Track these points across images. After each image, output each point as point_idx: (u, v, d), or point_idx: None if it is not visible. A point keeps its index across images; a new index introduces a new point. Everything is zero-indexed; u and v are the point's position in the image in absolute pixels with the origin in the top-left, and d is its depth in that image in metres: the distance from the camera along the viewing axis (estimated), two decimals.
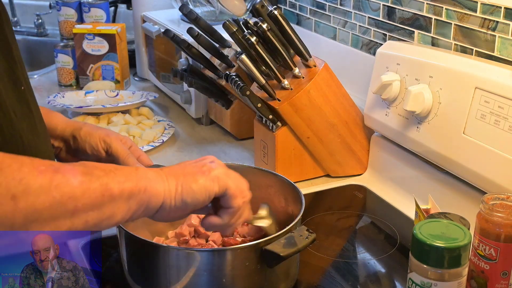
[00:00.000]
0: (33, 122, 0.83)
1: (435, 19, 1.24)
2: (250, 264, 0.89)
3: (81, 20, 2.02)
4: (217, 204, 0.84)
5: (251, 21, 1.27)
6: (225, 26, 1.27)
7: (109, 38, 1.87)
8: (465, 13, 1.17)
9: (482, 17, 1.13)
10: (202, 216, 1.07)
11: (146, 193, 0.74)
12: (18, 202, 0.64)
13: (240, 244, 0.96)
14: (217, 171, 0.82)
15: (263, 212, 0.97)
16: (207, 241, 1.02)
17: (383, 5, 1.38)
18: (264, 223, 0.95)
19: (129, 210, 0.73)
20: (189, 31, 1.42)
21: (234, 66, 1.44)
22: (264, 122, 1.34)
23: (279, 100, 1.26)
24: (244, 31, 1.26)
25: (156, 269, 0.90)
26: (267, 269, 0.90)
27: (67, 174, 0.68)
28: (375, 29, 1.42)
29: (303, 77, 1.28)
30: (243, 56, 1.23)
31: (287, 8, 1.76)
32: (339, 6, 1.53)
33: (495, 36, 1.12)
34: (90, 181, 0.69)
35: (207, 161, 0.84)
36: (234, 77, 1.28)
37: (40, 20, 2.50)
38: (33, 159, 0.68)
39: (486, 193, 0.95)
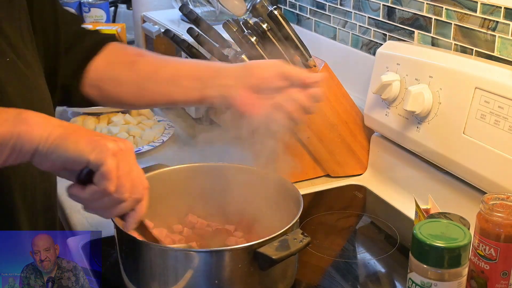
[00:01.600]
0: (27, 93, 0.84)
1: (435, 19, 1.24)
2: (243, 266, 0.88)
3: None
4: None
5: (251, 21, 1.27)
6: (225, 26, 1.27)
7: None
8: (465, 13, 1.17)
9: (482, 17, 1.13)
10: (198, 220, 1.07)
11: (20, 139, 0.73)
12: None
13: (233, 245, 0.95)
14: (107, 145, 0.75)
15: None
16: None
17: (383, 5, 1.38)
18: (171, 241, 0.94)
19: (1, 155, 0.73)
20: (189, 31, 1.42)
21: None
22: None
23: None
24: (244, 31, 1.26)
25: (149, 269, 0.89)
26: (261, 271, 0.89)
27: None
28: (375, 29, 1.42)
29: None
30: (243, 56, 1.23)
31: (287, 8, 1.76)
32: (339, 6, 1.53)
33: (495, 36, 1.12)
34: None
35: (112, 138, 0.78)
36: None
37: None
38: None
39: (486, 193, 0.95)
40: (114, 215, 0.82)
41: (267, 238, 0.88)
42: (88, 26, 1.90)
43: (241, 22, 1.31)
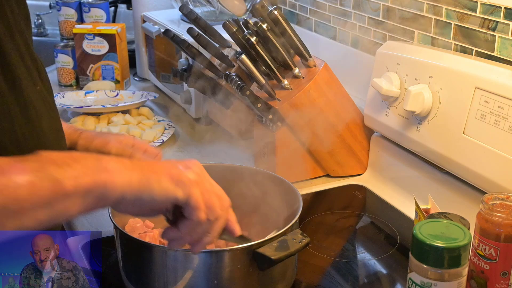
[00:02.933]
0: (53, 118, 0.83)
1: (435, 19, 1.24)
2: (242, 266, 0.88)
3: (81, 20, 2.02)
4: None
5: (251, 21, 1.27)
6: (225, 26, 1.27)
7: (109, 38, 1.87)
8: (465, 13, 1.17)
9: (482, 17, 1.13)
10: None
11: (104, 187, 0.71)
12: None
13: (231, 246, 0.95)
14: (188, 176, 0.76)
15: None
16: None
17: (383, 5, 1.38)
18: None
19: (85, 204, 0.70)
20: (189, 31, 1.42)
21: (234, 66, 1.44)
22: (264, 122, 1.34)
23: (279, 100, 1.26)
24: (244, 31, 1.26)
25: (149, 269, 0.90)
26: (261, 271, 0.89)
27: (13, 175, 0.65)
28: (375, 29, 1.42)
29: (303, 77, 1.28)
30: (243, 56, 1.23)
31: (287, 8, 1.76)
32: (339, 6, 1.53)
33: (495, 36, 1.12)
34: (40, 179, 0.66)
35: (185, 164, 0.78)
36: (234, 77, 1.28)
37: (40, 20, 2.50)
38: None
39: (486, 193, 0.95)
40: (216, 237, 0.82)
41: (266, 238, 0.88)
42: (88, 26, 1.91)
43: (241, 22, 1.31)
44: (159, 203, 0.75)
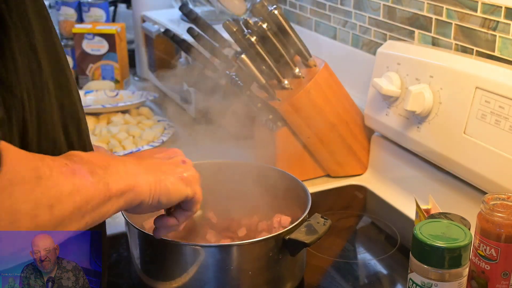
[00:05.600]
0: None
1: (435, 18, 1.24)
2: (273, 254, 0.91)
3: (80, 19, 2.02)
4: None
5: (251, 21, 1.27)
6: (225, 26, 1.27)
7: (109, 38, 1.86)
8: (466, 13, 1.17)
9: (482, 17, 1.13)
10: None
11: (134, 191, 0.73)
12: (54, 211, 0.61)
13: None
14: (190, 173, 0.81)
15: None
16: None
17: (383, 4, 1.37)
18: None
19: (118, 207, 0.71)
20: (189, 31, 1.42)
21: (234, 66, 1.44)
22: (264, 122, 1.34)
23: (279, 100, 1.26)
24: (244, 31, 1.26)
25: (179, 267, 0.91)
26: (286, 260, 0.93)
27: (81, 176, 0.65)
28: (375, 28, 1.42)
29: (303, 77, 1.28)
30: (243, 56, 1.23)
31: (287, 7, 1.76)
32: (339, 6, 1.53)
33: (495, 36, 1.12)
34: (98, 182, 0.67)
35: (179, 159, 0.82)
36: (234, 77, 1.28)
37: None
38: (54, 159, 0.65)
39: (486, 193, 0.95)
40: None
41: (292, 225, 0.92)
42: (88, 25, 1.90)
43: (241, 22, 1.31)
44: (174, 203, 0.79)
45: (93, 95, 1.78)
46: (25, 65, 0.66)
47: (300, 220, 0.93)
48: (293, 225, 0.92)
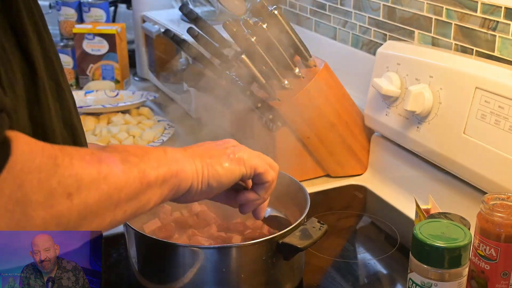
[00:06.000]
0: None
1: (435, 19, 1.24)
2: (267, 258, 0.90)
3: (81, 20, 2.02)
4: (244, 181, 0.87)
5: (251, 21, 1.27)
6: (225, 26, 1.27)
7: (109, 38, 1.87)
8: (466, 13, 1.17)
9: (482, 17, 1.13)
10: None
11: (178, 177, 0.73)
12: (73, 199, 0.60)
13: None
14: (241, 154, 0.82)
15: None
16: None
17: (383, 4, 1.38)
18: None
19: (161, 195, 0.71)
20: (189, 31, 1.42)
21: (234, 66, 1.44)
22: (264, 122, 1.34)
23: (279, 100, 1.26)
24: (244, 31, 1.26)
25: (174, 268, 0.91)
26: (281, 263, 0.92)
27: (110, 164, 0.65)
28: (375, 29, 1.42)
29: (303, 77, 1.28)
30: (243, 56, 1.23)
31: (287, 7, 1.76)
32: (339, 6, 1.53)
33: (495, 36, 1.12)
34: (130, 169, 0.66)
35: (229, 144, 0.83)
36: (234, 77, 1.28)
37: None
38: (78, 149, 0.65)
39: (486, 193, 0.95)
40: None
41: (286, 230, 0.91)
42: (88, 26, 1.90)
43: (241, 22, 1.31)
44: (226, 185, 0.80)
45: (93, 95, 1.78)
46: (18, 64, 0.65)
47: (296, 223, 0.92)
48: (288, 229, 0.91)
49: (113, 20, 2.16)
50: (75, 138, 0.75)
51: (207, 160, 0.78)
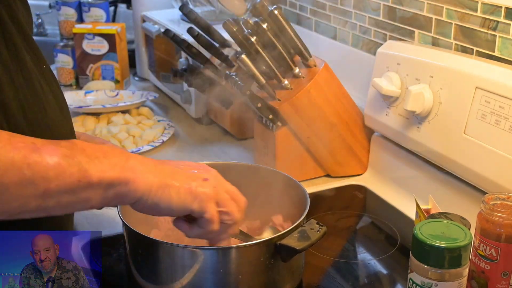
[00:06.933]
0: (56, 97, 0.85)
1: (435, 18, 1.24)
2: (265, 259, 0.90)
3: (81, 20, 2.02)
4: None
5: (251, 21, 1.27)
6: (225, 26, 1.27)
7: (109, 38, 1.87)
8: (466, 13, 1.17)
9: (482, 17, 1.13)
10: None
11: (127, 186, 0.74)
12: None
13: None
14: (205, 190, 0.80)
15: (265, 233, 1.00)
16: None
17: (383, 4, 1.38)
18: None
19: (106, 198, 0.73)
20: (189, 31, 1.42)
21: (234, 66, 1.44)
22: (264, 122, 1.34)
23: (279, 100, 1.26)
24: (244, 31, 1.26)
25: (167, 267, 0.91)
26: (279, 264, 0.91)
27: (45, 154, 0.68)
28: (375, 28, 1.42)
29: (303, 77, 1.28)
30: (243, 56, 1.23)
31: (287, 7, 1.76)
32: (339, 6, 1.53)
33: (495, 36, 1.12)
34: (68, 165, 0.69)
35: (201, 175, 0.82)
36: (234, 77, 1.28)
37: (39, 20, 2.49)
38: (15, 135, 0.69)
39: (486, 193, 0.95)
40: (235, 234, 0.89)
41: (285, 230, 0.91)
42: (88, 25, 1.90)
43: (241, 22, 1.31)
44: (174, 212, 0.79)
45: (93, 95, 1.78)
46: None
47: (295, 225, 0.92)
48: (286, 230, 0.91)
49: (113, 20, 2.16)
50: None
51: (168, 181, 0.77)
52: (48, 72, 0.85)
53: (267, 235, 1.01)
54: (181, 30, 1.57)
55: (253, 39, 1.23)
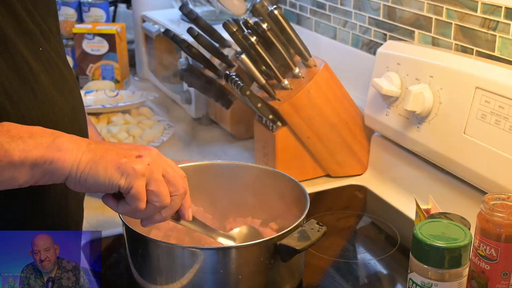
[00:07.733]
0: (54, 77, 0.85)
1: (435, 18, 1.24)
2: (265, 259, 0.90)
3: (81, 19, 2.02)
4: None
5: (251, 21, 1.27)
6: (225, 26, 1.27)
7: (109, 37, 1.86)
8: (466, 13, 1.17)
9: (482, 17, 1.13)
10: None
11: (52, 164, 0.75)
12: None
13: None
14: (135, 166, 0.78)
15: (240, 230, 0.99)
16: None
17: (383, 4, 1.37)
18: (225, 241, 0.95)
19: (33, 177, 0.75)
20: (189, 31, 1.42)
21: (234, 66, 1.44)
22: (264, 122, 1.34)
23: (279, 100, 1.26)
24: (244, 31, 1.26)
25: (167, 267, 0.91)
26: (279, 264, 0.91)
27: None
28: (375, 28, 1.42)
29: (303, 77, 1.28)
30: (243, 56, 1.23)
31: (287, 7, 1.76)
32: (339, 6, 1.53)
33: (495, 36, 1.12)
34: None
35: (137, 152, 0.80)
36: (234, 77, 1.28)
37: None
38: None
39: (486, 193, 0.95)
40: (166, 219, 0.85)
41: (285, 230, 0.90)
42: (88, 25, 1.90)
43: (241, 22, 1.31)
44: (102, 188, 0.78)
45: (93, 95, 1.78)
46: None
47: (295, 225, 0.92)
48: (286, 230, 0.91)
49: (113, 20, 2.16)
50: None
51: (97, 159, 0.77)
52: (45, 54, 0.85)
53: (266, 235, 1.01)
54: (181, 30, 1.57)
55: (253, 39, 1.23)
